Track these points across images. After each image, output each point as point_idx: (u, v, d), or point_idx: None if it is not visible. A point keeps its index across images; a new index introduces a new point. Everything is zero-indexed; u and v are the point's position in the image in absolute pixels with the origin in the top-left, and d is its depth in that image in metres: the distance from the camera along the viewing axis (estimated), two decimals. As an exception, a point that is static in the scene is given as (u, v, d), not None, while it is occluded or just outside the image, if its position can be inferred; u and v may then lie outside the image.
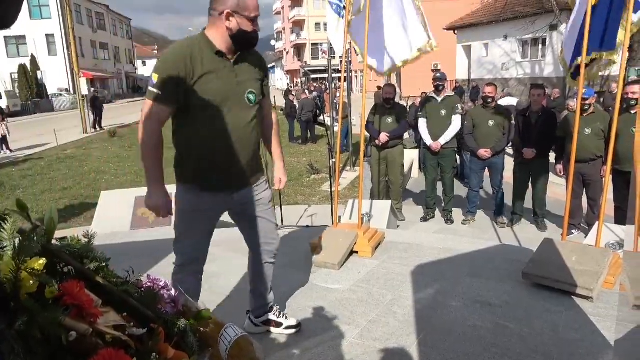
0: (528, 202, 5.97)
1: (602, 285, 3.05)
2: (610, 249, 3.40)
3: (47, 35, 37.61)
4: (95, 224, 5.03)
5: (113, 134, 17.12)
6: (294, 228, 5.09)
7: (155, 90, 2.05)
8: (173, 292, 1.40)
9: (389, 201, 5.55)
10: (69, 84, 36.85)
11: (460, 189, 7.96)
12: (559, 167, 5.52)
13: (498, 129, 5.79)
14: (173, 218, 2.36)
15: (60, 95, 35.56)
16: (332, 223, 5.26)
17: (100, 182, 9.77)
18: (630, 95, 4.76)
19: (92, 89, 23.09)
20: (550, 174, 5.89)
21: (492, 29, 22.36)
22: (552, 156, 5.79)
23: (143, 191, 5.39)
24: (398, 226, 5.77)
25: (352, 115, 11.38)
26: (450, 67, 27.20)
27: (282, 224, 5.31)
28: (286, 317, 2.74)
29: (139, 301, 1.16)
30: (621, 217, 4.97)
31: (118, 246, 4.36)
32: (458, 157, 8.77)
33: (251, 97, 2.21)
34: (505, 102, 12.22)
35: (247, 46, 2.17)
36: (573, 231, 5.38)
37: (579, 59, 3.42)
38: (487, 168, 6.04)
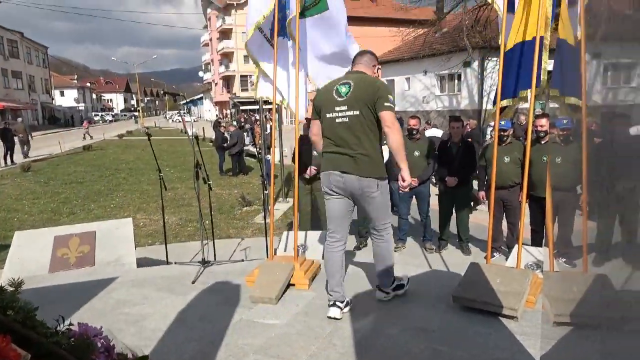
0: (452, 227, 6.28)
1: (525, 305, 3.25)
2: (529, 270, 3.65)
3: (-50, 63, 34.68)
4: (8, 268, 4.59)
5: (27, 168, 15.89)
6: (228, 263, 4.96)
7: (394, 106, 3.11)
8: (106, 339, 1.31)
9: (324, 232, 5.59)
10: (-26, 115, 33.97)
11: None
12: (482, 193, 5.89)
13: (423, 159, 6.09)
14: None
15: (-35, 127, 32.56)
16: (267, 256, 5.20)
17: (12, 222, 8.97)
18: (539, 128, 5.24)
19: (7, 121, 21.42)
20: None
21: (412, 65, 23.75)
22: (474, 183, 6.17)
23: (62, 230, 5.05)
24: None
25: (282, 146, 11.46)
26: (375, 100, 28.45)
27: (215, 259, 5.15)
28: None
29: (71, 352, 1.08)
30: (537, 239, 5.37)
31: (36, 291, 4.00)
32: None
33: None
34: (431, 133, 12.92)
35: None
36: (494, 254, 5.72)
37: (503, 102, 3.74)
38: (414, 196, 6.30)
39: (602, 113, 3.14)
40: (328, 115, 3.25)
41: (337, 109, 3.18)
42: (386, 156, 6.12)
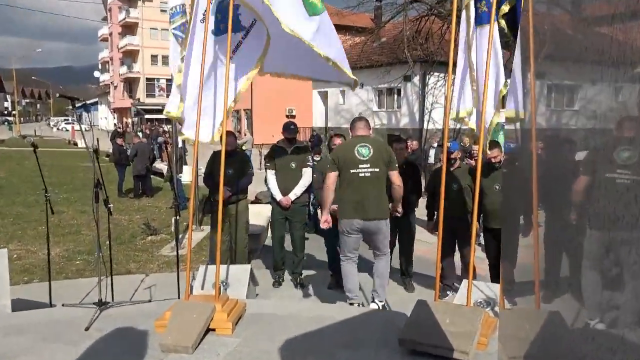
0: (394, 261, 6.44)
1: (476, 347, 3.40)
2: (480, 308, 3.83)
3: None
4: None
5: None
6: (130, 304, 4.75)
7: None
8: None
9: (248, 266, 5.53)
10: None
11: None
12: (431, 224, 6.06)
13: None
14: None
15: None
16: (179, 295, 5.03)
17: None
18: (493, 160, 5.44)
19: None
20: (421, 231, 6.44)
21: (348, 76, 24.46)
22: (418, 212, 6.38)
23: None
24: (257, 294, 5.76)
25: (199, 164, 11.24)
26: (306, 114, 28.84)
27: (113, 299, 4.91)
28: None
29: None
30: (495, 275, 5.54)
31: None
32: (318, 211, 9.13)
33: None
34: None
35: None
36: (448, 292, 5.88)
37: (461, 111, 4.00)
38: None
39: (547, 137, 3.40)
40: (352, 171, 4.73)
41: (361, 166, 4.72)
42: (308, 179, 6.22)
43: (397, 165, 4.91)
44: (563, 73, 2.63)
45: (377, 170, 4.75)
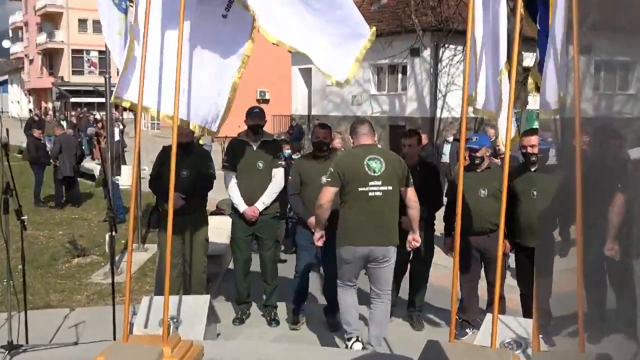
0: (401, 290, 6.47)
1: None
2: (507, 350, 3.87)
3: None
4: None
5: None
6: (50, 348, 4.74)
7: None
8: None
9: (207, 296, 5.54)
10: None
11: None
12: (449, 241, 5.99)
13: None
14: None
15: None
16: (115, 335, 5.02)
17: None
18: (529, 150, 5.37)
19: None
20: (436, 251, 6.45)
21: (338, 49, 24.46)
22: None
23: None
24: (219, 334, 5.77)
25: (142, 163, 11.21)
26: (284, 98, 28.74)
27: (27, 341, 4.89)
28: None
29: None
30: (529, 308, 5.53)
31: None
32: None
33: None
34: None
35: None
36: (467, 330, 5.88)
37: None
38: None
39: (594, 128, 3.43)
40: (360, 189, 4.99)
41: (371, 183, 4.98)
42: (280, 183, 6.19)
43: (412, 181, 5.15)
44: (614, 46, 2.67)
45: (389, 188, 5.02)
